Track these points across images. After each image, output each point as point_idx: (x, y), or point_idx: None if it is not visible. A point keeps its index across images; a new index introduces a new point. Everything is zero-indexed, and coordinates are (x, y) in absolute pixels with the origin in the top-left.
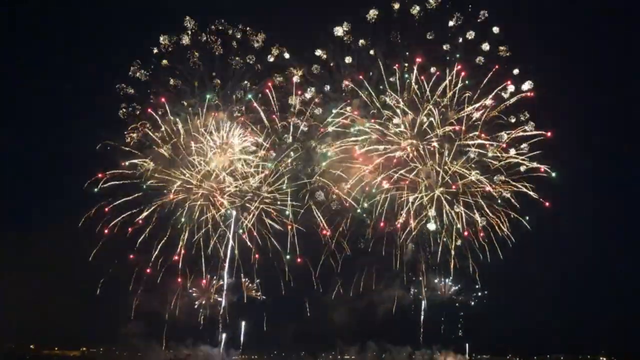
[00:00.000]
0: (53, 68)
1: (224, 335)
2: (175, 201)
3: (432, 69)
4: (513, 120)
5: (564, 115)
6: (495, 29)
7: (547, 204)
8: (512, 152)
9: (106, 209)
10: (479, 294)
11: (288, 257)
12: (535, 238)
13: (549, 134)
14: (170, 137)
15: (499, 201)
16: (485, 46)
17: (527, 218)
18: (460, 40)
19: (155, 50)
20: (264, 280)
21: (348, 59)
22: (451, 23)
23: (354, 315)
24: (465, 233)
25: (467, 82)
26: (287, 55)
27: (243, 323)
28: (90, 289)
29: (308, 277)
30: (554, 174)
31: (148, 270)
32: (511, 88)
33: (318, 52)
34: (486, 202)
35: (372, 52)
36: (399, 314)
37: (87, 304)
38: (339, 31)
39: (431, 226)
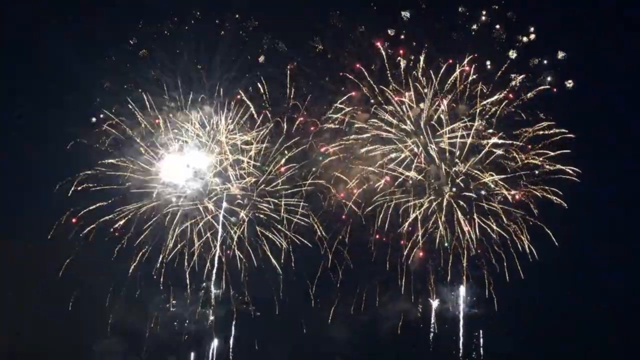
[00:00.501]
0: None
1: (210, 353)
2: (156, 206)
3: (440, 59)
4: (531, 118)
5: (593, 112)
6: (512, 15)
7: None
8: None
9: (73, 220)
10: (496, 309)
11: (281, 276)
12: (563, 254)
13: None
14: (150, 134)
15: (519, 210)
16: (500, 33)
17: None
18: (475, 26)
19: (134, 40)
20: (256, 293)
21: (347, 48)
22: (461, 9)
23: (356, 332)
24: (479, 251)
25: (481, 73)
26: (280, 44)
27: (232, 340)
28: (62, 303)
29: (305, 290)
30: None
31: (126, 282)
32: (530, 81)
33: (314, 40)
34: (503, 208)
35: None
36: (406, 331)
37: (58, 320)
38: (336, 18)
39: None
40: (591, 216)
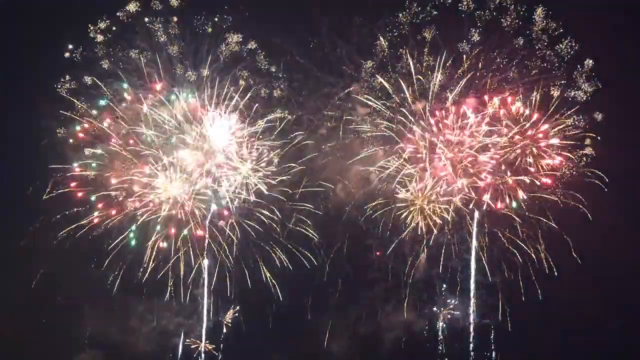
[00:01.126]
0: None
1: None
2: (138, 210)
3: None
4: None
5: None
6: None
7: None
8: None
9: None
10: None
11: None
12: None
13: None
14: (132, 130)
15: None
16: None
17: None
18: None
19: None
20: (248, 305)
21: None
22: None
23: (356, 345)
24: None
25: (490, 66)
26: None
27: (220, 357)
28: (36, 315)
29: (300, 301)
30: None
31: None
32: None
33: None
34: (517, 212)
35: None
36: (411, 344)
37: (31, 332)
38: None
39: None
40: (615, 224)
